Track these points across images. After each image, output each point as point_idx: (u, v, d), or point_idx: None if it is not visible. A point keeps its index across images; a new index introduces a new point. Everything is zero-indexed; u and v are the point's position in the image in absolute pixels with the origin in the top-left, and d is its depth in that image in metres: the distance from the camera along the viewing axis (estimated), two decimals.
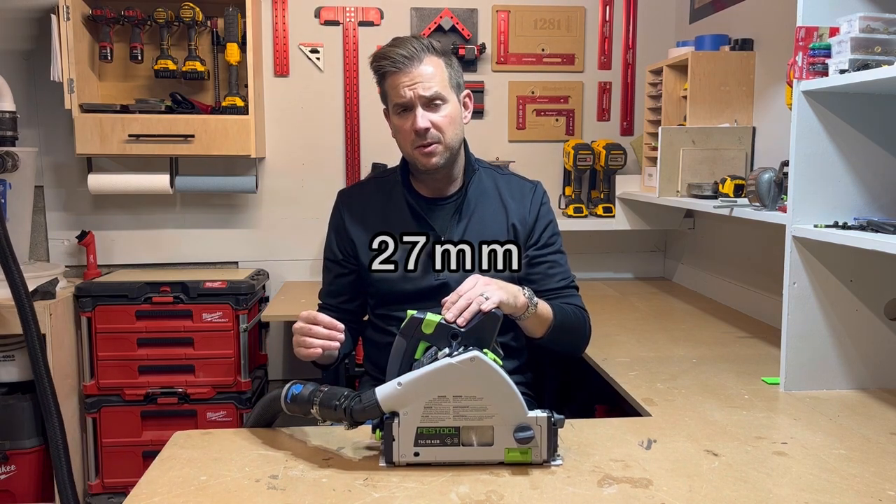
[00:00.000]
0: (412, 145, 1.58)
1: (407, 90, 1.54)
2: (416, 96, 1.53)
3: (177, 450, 1.29)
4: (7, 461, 2.49)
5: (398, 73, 1.54)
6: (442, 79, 1.56)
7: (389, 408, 1.20)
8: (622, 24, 3.08)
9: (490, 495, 1.13)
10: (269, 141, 2.98)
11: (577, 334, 1.65)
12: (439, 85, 1.55)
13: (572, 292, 1.68)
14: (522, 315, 1.48)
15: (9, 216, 2.50)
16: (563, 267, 1.69)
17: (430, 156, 1.57)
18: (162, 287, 2.63)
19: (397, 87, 1.55)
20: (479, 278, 1.40)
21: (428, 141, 1.56)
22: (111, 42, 2.71)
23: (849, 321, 1.66)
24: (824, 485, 1.18)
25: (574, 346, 1.70)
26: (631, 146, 2.99)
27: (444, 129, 1.56)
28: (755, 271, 2.45)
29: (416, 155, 1.59)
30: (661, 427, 1.43)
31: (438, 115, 1.56)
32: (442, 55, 1.58)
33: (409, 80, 1.54)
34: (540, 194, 1.72)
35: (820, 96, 1.58)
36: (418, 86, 1.53)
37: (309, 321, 1.43)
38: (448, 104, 1.57)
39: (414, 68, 1.53)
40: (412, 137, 1.56)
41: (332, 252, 1.72)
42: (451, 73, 1.59)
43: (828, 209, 1.61)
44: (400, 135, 1.60)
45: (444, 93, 1.56)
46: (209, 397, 2.65)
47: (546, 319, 1.55)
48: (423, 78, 1.54)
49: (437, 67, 1.56)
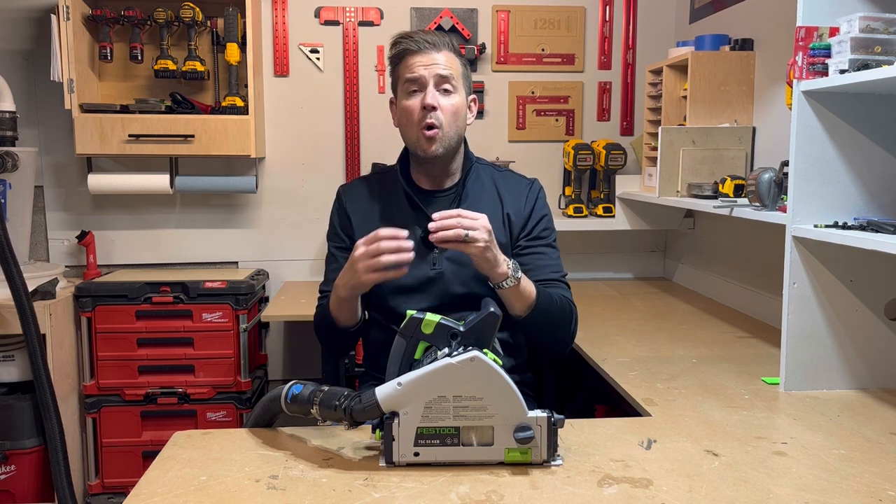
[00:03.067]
0: (418, 125, 1.59)
1: (422, 69, 1.58)
2: (431, 74, 1.58)
3: (177, 450, 1.29)
4: (7, 461, 2.48)
5: (416, 54, 1.59)
6: (456, 70, 1.62)
7: (389, 408, 1.20)
8: (622, 24, 3.08)
9: (490, 495, 1.13)
10: (269, 141, 2.98)
11: (560, 324, 1.63)
12: (454, 72, 1.61)
13: (561, 286, 1.67)
14: (501, 284, 1.49)
15: (9, 216, 2.50)
16: (555, 261, 1.69)
17: (431, 141, 1.59)
18: (162, 287, 2.63)
19: (412, 65, 1.59)
20: (484, 221, 1.43)
21: (432, 121, 1.58)
22: (111, 42, 2.71)
23: (849, 321, 1.66)
24: (824, 485, 1.18)
25: (558, 337, 1.66)
26: (631, 146, 2.99)
27: (447, 117, 1.59)
28: (755, 271, 2.45)
29: (419, 138, 1.60)
30: (661, 427, 1.43)
31: (447, 101, 1.59)
32: (459, 56, 1.65)
33: (426, 61, 1.59)
34: (536, 189, 1.74)
35: (820, 96, 1.58)
36: (434, 66, 1.58)
37: (371, 241, 1.43)
38: (457, 94, 1.61)
39: (433, 52, 1.59)
40: (419, 116, 1.58)
41: (337, 237, 1.73)
42: (465, 72, 1.66)
43: (828, 209, 1.61)
44: (406, 115, 1.62)
45: (457, 83, 1.61)
46: (209, 397, 2.65)
47: (528, 297, 1.54)
48: (442, 62, 1.59)
49: (455, 62, 1.63)
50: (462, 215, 1.41)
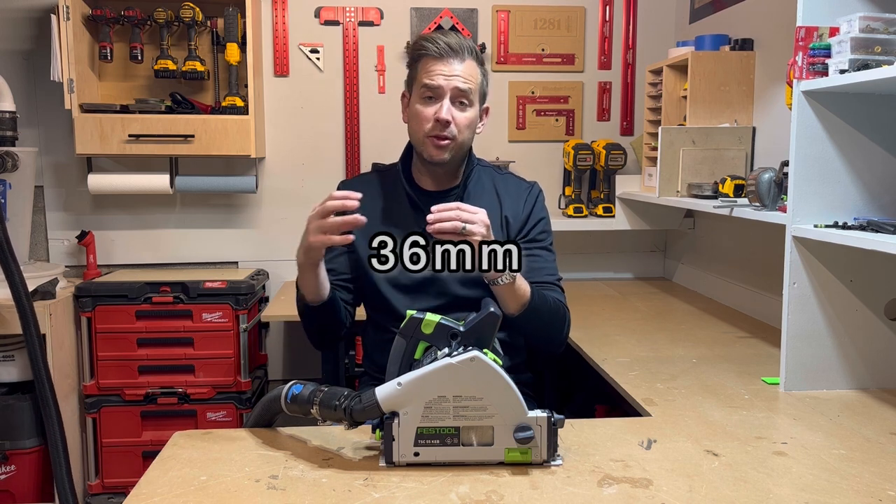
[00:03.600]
0: (427, 133, 1.59)
1: (442, 79, 1.56)
2: (450, 88, 1.56)
3: (177, 450, 1.29)
4: (7, 461, 2.48)
5: (438, 60, 1.57)
6: (476, 83, 1.60)
7: (389, 408, 1.20)
8: (622, 24, 3.08)
9: (490, 495, 1.13)
10: (269, 141, 2.98)
11: (553, 325, 1.64)
12: (473, 86, 1.59)
13: (556, 289, 1.67)
14: (496, 281, 1.48)
15: (9, 216, 2.50)
16: (550, 264, 1.70)
17: (441, 149, 1.59)
18: (162, 287, 2.63)
19: (432, 72, 1.57)
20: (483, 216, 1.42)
21: (445, 134, 1.57)
22: (111, 42, 2.71)
23: (849, 321, 1.66)
24: (824, 485, 1.18)
25: (550, 338, 1.67)
26: (631, 146, 2.99)
27: (461, 129, 1.59)
28: (755, 271, 2.45)
29: (427, 143, 1.60)
30: (661, 427, 1.43)
31: (462, 115, 1.58)
32: (481, 64, 1.63)
33: (448, 71, 1.56)
34: (536, 192, 1.74)
35: (820, 96, 1.58)
36: (455, 79, 1.56)
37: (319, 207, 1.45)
38: (472, 108, 1.60)
39: (455, 62, 1.57)
40: (430, 125, 1.57)
41: None
42: (483, 81, 1.64)
43: (828, 209, 1.61)
44: (417, 120, 1.61)
45: (473, 97, 1.60)
46: (209, 397, 2.65)
47: (522, 297, 1.53)
48: (462, 74, 1.57)
49: (475, 71, 1.60)
50: (461, 208, 1.41)
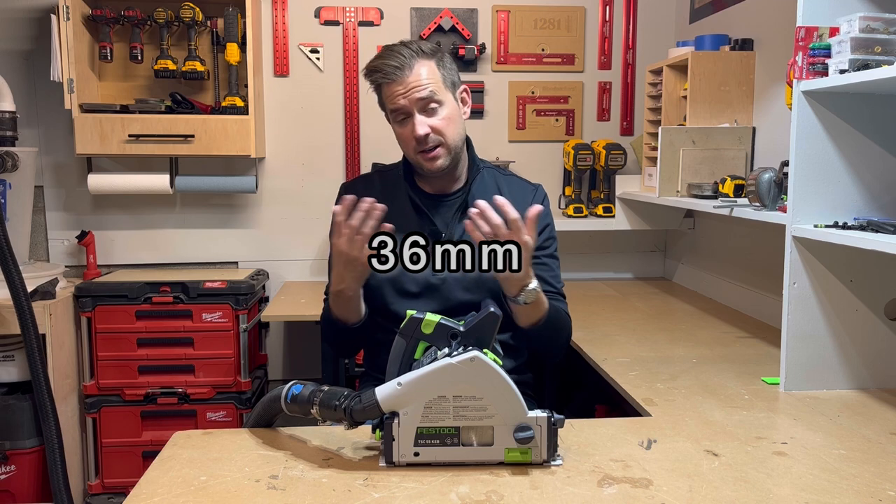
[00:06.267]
0: (415, 151, 1.58)
1: (401, 99, 1.54)
2: (412, 102, 1.54)
3: (177, 450, 1.29)
4: (7, 461, 2.48)
5: (392, 83, 1.55)
6: (435, 80, 1.56)
7: (389, 408, 1.20)
8: (622, 24, 3.08)
9: (490, 495, 1.13)
10: (269, 141, 2.98)
11: (559, 337, 1.65)
12: (433, 86, 1.55)
13: (559, 299, 1.67)
14: (517, 300, 1.47)
15: (9, 216, 2.50)
16: (555, 272, 1.69)
17: (433, 160, 1.58)
18: (162, 287, 2.63)
19: (392, 95, 1.56)
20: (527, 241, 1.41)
21: (430, 145, 1.56)
22: (111, 42, 2.71)
23: (849, 321, 1.66)
24: (824, 485, 1.18)
25: (551, 349, 1.68)
26: (631, 146, 2.98)
27: (444, 131, 1.57)
28: (755, 271, 2.45)
29: (419, 160, 1.59)
30: (661, 427, 1.43)
31: (437, 119, 1.56)
32: (432, 56, 1.58)
33: (402, 89, 1.54)
34: (541, 196, 1.72)
35: (820, 96, 1.58)
36: (412, 91, 1.54)
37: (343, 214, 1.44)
38: (445, 105, 1.57)
39: (406, 76, 1.54)
40: (413, 144, 1.57)
41: None
42: (444, 73, 1.59)
43: (828, 209, 1.61)
44: (402, 142, 1.61)
45: (440, 94, 1.56)
46: (209, 397, 2.65)
47: (541, 312, 1.54)
48: (417, 83, 1.54)
49: (430, 69, 1.56)
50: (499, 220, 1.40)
